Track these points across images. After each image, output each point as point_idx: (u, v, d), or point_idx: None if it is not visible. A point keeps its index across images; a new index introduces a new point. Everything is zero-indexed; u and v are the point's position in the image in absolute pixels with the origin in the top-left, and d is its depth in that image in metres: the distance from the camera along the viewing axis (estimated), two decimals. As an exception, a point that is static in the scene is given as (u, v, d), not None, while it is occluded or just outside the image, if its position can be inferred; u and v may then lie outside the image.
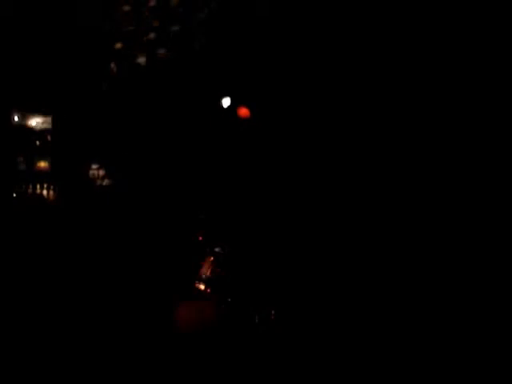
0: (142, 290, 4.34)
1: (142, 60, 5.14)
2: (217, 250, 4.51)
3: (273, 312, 4.08)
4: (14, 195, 5.25)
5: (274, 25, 4.75)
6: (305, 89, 4.72)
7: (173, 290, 4.29)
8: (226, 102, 5.00)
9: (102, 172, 5.42)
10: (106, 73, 5.24)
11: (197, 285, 4.35)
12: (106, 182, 5.40)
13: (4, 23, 4.93)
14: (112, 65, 5.18)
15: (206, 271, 4.39)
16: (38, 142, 5.40)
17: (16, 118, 5.33)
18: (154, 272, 4.52)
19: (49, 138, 5.40)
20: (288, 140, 4.77)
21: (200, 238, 4.72)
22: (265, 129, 4.86)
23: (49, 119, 5.37)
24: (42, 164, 5.40)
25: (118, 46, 5.04)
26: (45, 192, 5.32)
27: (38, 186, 5.32)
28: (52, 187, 5.33)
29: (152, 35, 5.05)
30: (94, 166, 5.43)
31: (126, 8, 4.98)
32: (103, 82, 5.25)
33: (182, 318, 4.01)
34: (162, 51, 5.10)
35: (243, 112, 4.93)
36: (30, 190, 5.31)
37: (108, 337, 3.91)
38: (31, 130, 5.37)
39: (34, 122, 5.38)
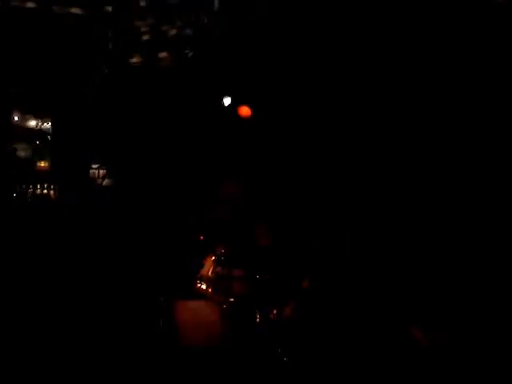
0: (144, 290, 4.34)
1: (140, 61, 5.15)
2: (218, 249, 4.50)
3: (274, 311, 4.08)
4: (14, 195, 5.25)
5: (274, 26, 4.75)
6: (305, 89, 4.73)
7: (174, 290, 4.29)
8: (226, 101, 5.00)
9: (102, 172, 5.42)
10: (106, 73, 5.25)
11: (198, 284, 4.35)
12: (106, 181, 5.40)
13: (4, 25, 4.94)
14: (111, 65, 5.19)
15: (207, 271, 4.39)
16: (37, 142, 5.41)
17: (16, 118, 5.34)
18: (156, 272, 4.51)
19: (49, 138, 5.41)
20: (288, 140, 4.78)
21: (201, 238, 4.72)
22: (265, 129, 4.86)
23: (49, 119, 5.38)
24: (42, 164, 5.41)
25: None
26: (45, 192, 5.32)
27: (38, 186, 5.32)
28: (52, 187, 5.33)
29: (149, 37, 5.06)
30: (94, 166, 5.44)
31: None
32: (103, 82, 5.26)
33: (183, 318, 4.01)
34: (162, 53, 5.10)
35: (244, 111, 4.92)
36: (30, 190, 5.31)
37: (109, 336, 3.91)
38: (31, 130, 5.38)
39: (34, 122, 5.39)
